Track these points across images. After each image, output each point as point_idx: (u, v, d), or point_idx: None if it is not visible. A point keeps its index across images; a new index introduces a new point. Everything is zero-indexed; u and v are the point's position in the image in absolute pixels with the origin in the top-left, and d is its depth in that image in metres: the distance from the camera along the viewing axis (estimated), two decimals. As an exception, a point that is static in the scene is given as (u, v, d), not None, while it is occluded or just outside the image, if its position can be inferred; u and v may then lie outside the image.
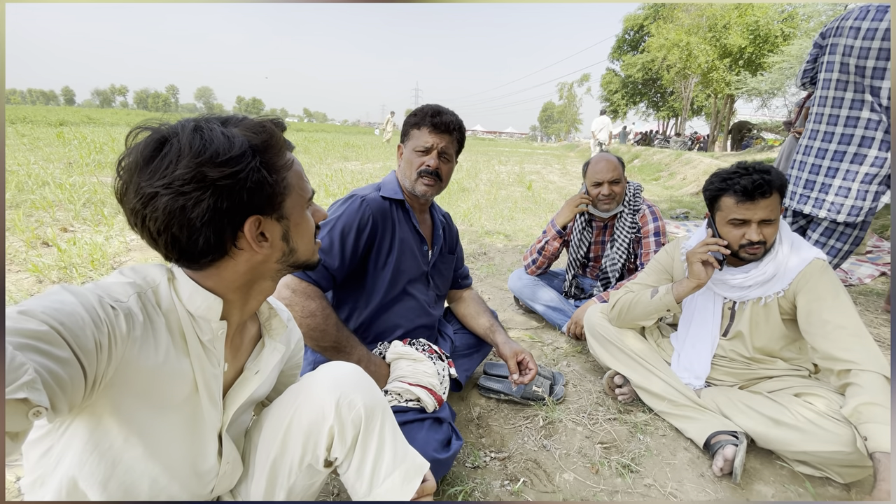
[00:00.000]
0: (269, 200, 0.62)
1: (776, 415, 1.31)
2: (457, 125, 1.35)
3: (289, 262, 0.69)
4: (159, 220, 0.55)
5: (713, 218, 1.44)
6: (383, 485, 0.75)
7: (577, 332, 2.03)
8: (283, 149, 0.64)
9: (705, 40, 17.90)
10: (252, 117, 0.63)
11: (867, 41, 2.06)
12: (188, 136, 0.55)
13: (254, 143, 0.59)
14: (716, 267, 1.39)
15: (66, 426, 0.57)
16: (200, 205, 0.55)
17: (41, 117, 16.51)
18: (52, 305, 0.48)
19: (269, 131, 0.61)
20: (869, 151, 2.17)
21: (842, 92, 2.24)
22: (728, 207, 1.35)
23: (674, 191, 8.87)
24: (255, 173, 0.58)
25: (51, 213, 3.49)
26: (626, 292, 1.64)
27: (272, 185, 0.61)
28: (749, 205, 1.31)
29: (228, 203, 0.57)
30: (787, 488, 1.26)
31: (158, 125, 0.58)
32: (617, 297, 1.65)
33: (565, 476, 1.28)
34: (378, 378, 1.22)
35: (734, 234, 1.36)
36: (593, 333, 1.73)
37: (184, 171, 0.54)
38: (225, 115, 0.62)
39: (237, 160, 0.56)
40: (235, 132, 0.58)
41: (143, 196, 0.55)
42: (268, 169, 0.60)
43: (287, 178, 0.64)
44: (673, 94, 25.70)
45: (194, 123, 0.57)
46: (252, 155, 0.58)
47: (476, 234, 4.22)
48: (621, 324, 1.66)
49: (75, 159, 6.28)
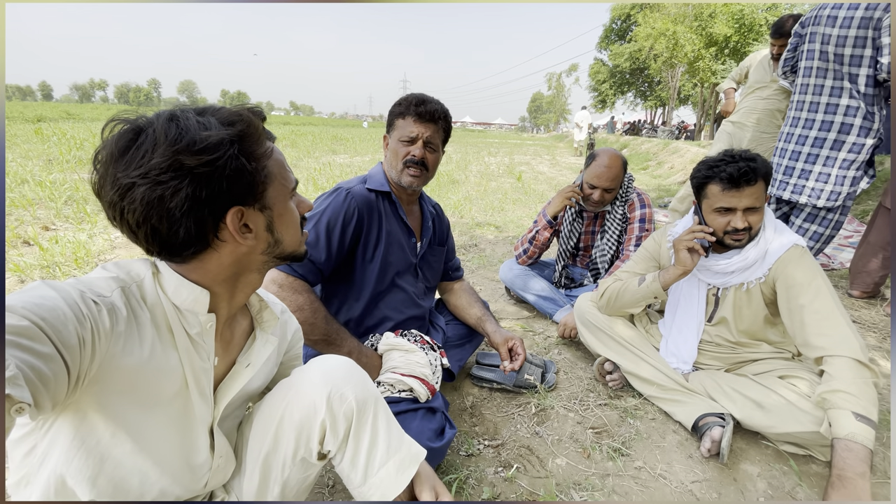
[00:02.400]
0: (251, 190, 0.61)
1: (760, 398, 1.34)
2: (442, 114, 1.33)
3: (275, 253, 0.68)
4: (138, 212, 0.54)
5: (699, 206, 1.45)
6: (378, 474, 0.75)
7: (570, 334, 1.98)
8: (262, 137, 0.63)
9: (691, 29, 17.98)
10: (230, 107, 0.61)
11: (843, 29, 2.09)
12: (163, 125, 0.54)
13: (231, 131, 0.57)
14: (701, 254, 1.41)
15: (50, 424, 0.56)
16: (179, 194, 0.54)
17: (18, 113, 16.03)
18: (32, 301, 0.47)
19: (246, 119, 0.60)
20: (847, 138, 2.22)
21: (821, 79, 2.27)
22: (714, 195, 1.37)
23: (661, 180, 8.95)
24: (233, 161, 0.57)
25: (31, 212, 3.40)
26: (615, 280, 1.65)
27: (252, 174, 0.60)
28: (735, 192, 1.32)
29: (207, 192, 0.56)
30: (772, 467, 1.29)
31: (134, 117, 0.56)
32: (605, 285, 1.67)
33: (558, 461, 1.30)
34: (370, 369, 1.22)
35: (720, 221, 1.38)
36: (583, 321, 1.75)
37: (160, 160, 0.53)
38: (202, 106, 0.60)
39: (214, 148, 0.55)
40: (212, 121, 0.57)
41: (119, 187, 0.54)
42: (246, 157, 0.59)
43: (268, 167, 0.63)
44: (660, 83, 25.86)
45: (170, 113, 0.56)
46: (230, 143, 0.57)
47: (467, 225, 4.22)
48: (610, 311, 1.68)
49: (55, 156, 6.13)
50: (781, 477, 1.26)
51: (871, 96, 2.11)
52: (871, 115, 2.13)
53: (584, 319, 1.74)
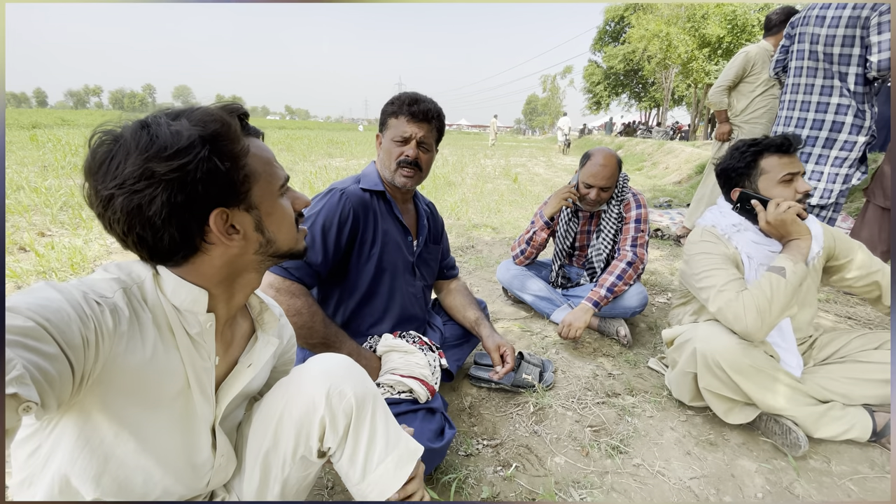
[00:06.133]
0: (231, 190, 0.59)
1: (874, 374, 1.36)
2: (435, 113, 1.32)
3: (269, 252, 0.67)
4: (122, 222, 0.55)
5: (751, 188, 1.38)
6: (376, 471, 0.76)
7: (573, 335, 1.90)
8: (237, 135, 0.61)
9: (684, 30, 18.09)
10: (207, 106, 0.60)
11: (832, 29, 2.12)
12: (134, 134, 0.54)
13: (203, 133, 0.56)
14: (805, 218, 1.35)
15: (54, 424, 0.56)
16: (155, 202, 0.54)
17: (13, 120, 15.97)
18: (37, 302, 0.48)
19: (218, 119, 0.58)
20: (839, 136, 2.24)
21: (811, 79, 2.30)
22: (774, 167, 1.35)
23: (657, 180, 9.00)
24: (204, 163, 0.55)
25: (27, 218, 3.39)
26: (737, 294, 1.29)
27: (227, 174, 0.58)
28: (791, 157, 1.35)
29: (183, 197, 0.55)
30: (770, 462, 1.30)
31: (119, 126, 0.56)
32: (738, 304, 1.27)
33: (556, 460, 1.30)
34: (370, 371, 1.22)
35: (787, 191, 1.34)
36: (737, 368, 1.27)
37: (132, 170, 0.53)
38: (177, 109, 0.59)
39: (184, 152, 0.54)
40: (184, 124, 0.56)
41: (101, 199, 0.54)
42: (221, 157, 0.57)
43: (248, 165, 0.61)
44: (654, 84, 25.98)
45: (142, 121, 0.56)
46: (201, 145, 0.55)
47: (463, 227, 4.23)
48: (770, 327, 1.26)
49: (50, 162, 6.11)
50: (779, 472, 1.27)
51: (862, 94, 2.14)
52: (863, 112, 2.16)
53: (738, 366, 1.27)
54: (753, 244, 1.42)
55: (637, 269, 2.04)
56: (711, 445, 1.38)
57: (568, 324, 1.92)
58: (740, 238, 1.44)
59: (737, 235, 1.44)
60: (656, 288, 2.78)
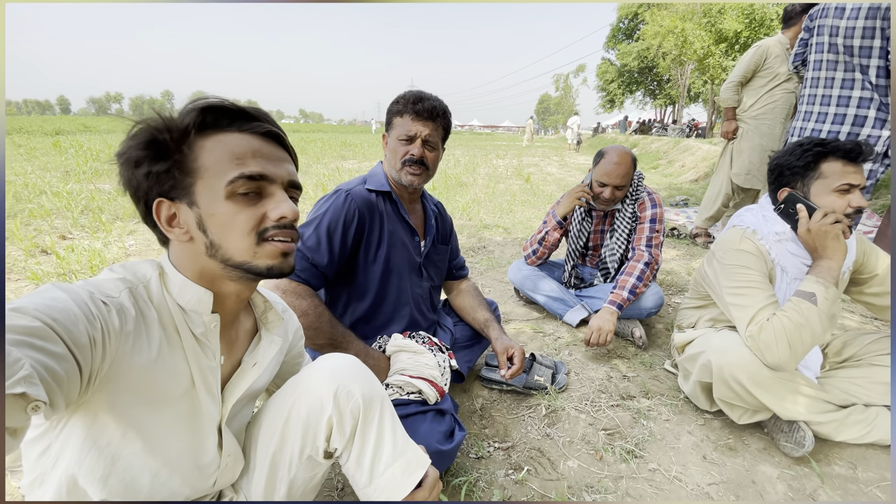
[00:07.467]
0: (171, 183, 0.60)
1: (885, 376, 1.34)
2: (441, 111, 1.30)
3: (219, 258, 0.62)
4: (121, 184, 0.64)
5: (803, 190, 1.29)
6: (384, 476, 0.75)
7: (604, 340, 1.80)
8: (175, 132, 0.60)
9: (700, 26, 17.78)
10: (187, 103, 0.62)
11: (851, 20, 2.05)
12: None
13: (147, 125, 0.60)
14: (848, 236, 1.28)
15: (64, 424, 0.57)
16: (121, 175, 0.62)
17: (37, 127, 16.49)
18: (44, 302, 0.48)
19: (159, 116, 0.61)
20: (862, 130, 2.17)
21: (832, 72, 2.23)
22: (834, 173, 1.24)
23: (672, 178, 8.84)
24: (136, 151, 0.59)
25: (49, 222, 3.49)
26: (768, 322, 1.21)
27: (167, 167, 0.60)
28: (856, 168, 1.23)
29: (129, 177, 0.61)
30: (792, 468, 1.26)
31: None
32: (769, 334, 1.20)
33: (569, 463, 1.28)
34: (378, 371, 1.21)
35: (839, 203, 1.24)
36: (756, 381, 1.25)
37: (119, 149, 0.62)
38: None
39: (129, 139, 0.60)
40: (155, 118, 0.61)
41: None
42: (157, 150, 0.60)
43: (196, 160, 0.60)
44: (669, 81, 25.56)
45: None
46: (144, 135, 0.60)
47: (475, 227, 4.21)
48: (800, 358, 1.21)
49: (72, 167, 6.28)
50: (802, 479, 1.22)
51: (885, 87, 2.06)
52: (886, 106, 2.08)
53: (757, 377, 1.24)
54: (790, 255, 1.32)
55: (653, 270, 2.00)
56: (730, 450, 1.33)
57: (598, 328, 1.81)
58: (779, 249, 1.33)
59: (776, 246, 1.33)
60: (672, 288, 2.73)
